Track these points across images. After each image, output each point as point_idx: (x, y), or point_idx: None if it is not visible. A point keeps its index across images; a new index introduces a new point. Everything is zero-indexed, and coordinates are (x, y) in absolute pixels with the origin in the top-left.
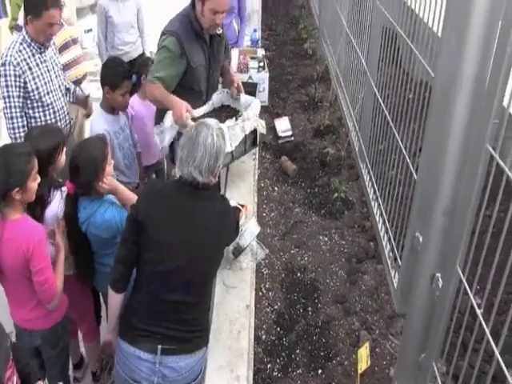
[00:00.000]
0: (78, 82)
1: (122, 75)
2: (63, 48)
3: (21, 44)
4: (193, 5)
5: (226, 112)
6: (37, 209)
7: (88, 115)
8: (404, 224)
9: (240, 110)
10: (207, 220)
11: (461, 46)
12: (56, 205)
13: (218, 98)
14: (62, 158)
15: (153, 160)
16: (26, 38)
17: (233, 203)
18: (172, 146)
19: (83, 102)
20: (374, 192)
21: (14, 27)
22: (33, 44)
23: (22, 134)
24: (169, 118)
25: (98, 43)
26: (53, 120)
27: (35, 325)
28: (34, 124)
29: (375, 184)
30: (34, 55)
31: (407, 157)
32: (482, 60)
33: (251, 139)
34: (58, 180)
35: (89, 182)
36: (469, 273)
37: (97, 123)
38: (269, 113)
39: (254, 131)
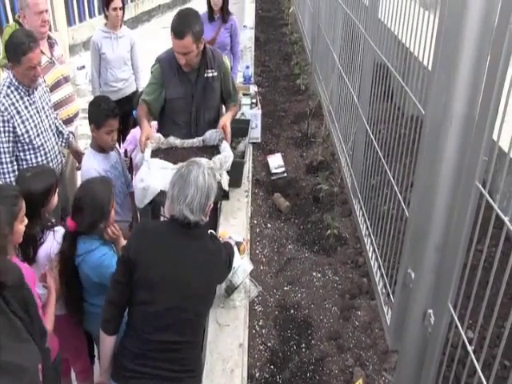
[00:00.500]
0: (69, 121)
1: (105, 113)
2: (55, 86)
3: (8, 87)
4: None
5: (209, 153)
6: (29, 250)
7: (79, 169)
8: (397, 259)
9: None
10: (198, 259)
11: (450, 83)
12: (48, 245)
13: (211, 136)
14: (55, 199)
15: None
16: (13, 81)
17: (232, 240)
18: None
19: (76, 154)
20: (367, 227)
21: (5, 66)
22: (20, 87)
23: (13, 179)
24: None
25: (92, 79)
26: (44, 161)
27: None
28: (25, 166)
29: (367, 219)
30: (22, 98)
31: (398, 192)
32: (471, 98)
33: (218, 192)
34: (50, 220)
35: (94, 223)
36: (461, 307)
37: (87, 162)
38: (262, 149)
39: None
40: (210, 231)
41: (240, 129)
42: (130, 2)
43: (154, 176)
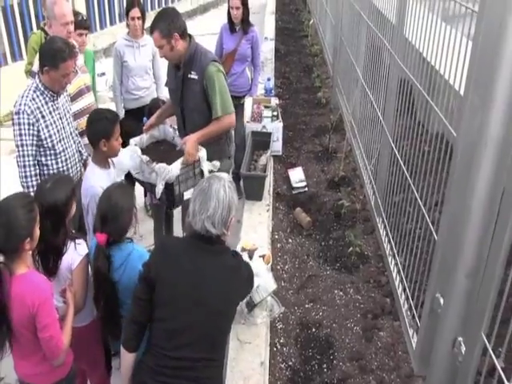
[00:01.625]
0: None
1: (113, 120)
2: (77, 95)
3: (34, 92)
4: None
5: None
6: (50, 261)
7: None
8: (423, 281)
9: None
10: (219, 276)
11: (485, 107)
12: (69, 257)
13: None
14: (74, 207)
15: None
16: (40, 86)
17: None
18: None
19: None
20: (391, 247)
21: (30, 74)
22: (46, 92)
23: (35, 183)
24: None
25: (113, 87)
26: (64, 167)
27: (39, 380)
28: (45, 171)
29: (391, 238)
30: (47, 103)
31: (425, 211)
32: (508, 121)
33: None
34: (71, 231)
35: (125, 229)
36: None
37: (91, 179)
38: (282, 162)
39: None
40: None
41: (262, 142)
42: (150, 10)
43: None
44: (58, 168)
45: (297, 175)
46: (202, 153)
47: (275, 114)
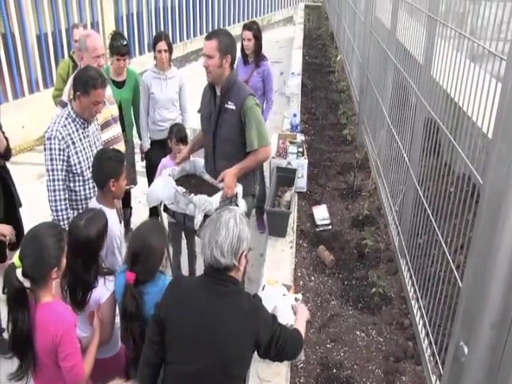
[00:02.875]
0: None
1: (120, 160)
2: (104, 126)
3: (66, 119)
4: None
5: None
6: (79, 295)
7: None
8: (447, 326)
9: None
10: (232, 321)
11: None
12: (99, 292)
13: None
14: (105, 243)
15: None
16: (71, 113)
17: (279, 289)
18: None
19: None
20: (414, 290)
21: (59, 103)
22: (77, 119)
23: (64, 207)
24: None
25: (140, 117)
26: (92, 194)
27: None
28: (73, 197)
29: (415, 281)
30: (77, 130)
31: (448, 254)
32: None
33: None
34: (103, 266)
35: (155, 269)
36: None
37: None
38: (307, 199)
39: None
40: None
41: (286, 178)
42: (178, 42)
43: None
44: (86, 194)
45: (321, 213)
46: (239, 188)
47: (300, 150)
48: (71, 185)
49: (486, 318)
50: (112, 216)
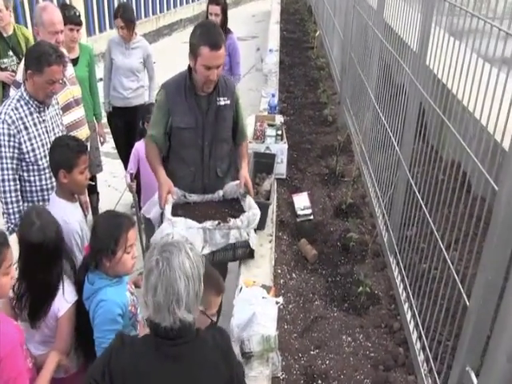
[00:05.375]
0: None
1: (75, 150)
2: (65, 109)
3: (18, 101)
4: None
5: (229, 207)
6: (38, 303)
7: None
8: (442, 331)
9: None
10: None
11: None
12: (56, 302)
13: (232, 189)
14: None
15: None
16: (24, 94)
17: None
18: None
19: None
20: (405, 288)
21: (13, 83)
22: (31, 102)
23: (14, 199)
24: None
25: (103, 82)
26: (49, 185)
27: None
28: (28, 188)
29: (406, 280)
30: (31, 114)
31: (444, 250)
32: None
33: (244, 251)
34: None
35: (97, 253)
36: None
37: (64, 216)
38: (286, 186)
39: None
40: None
41: (265, 164)
42: (151, 15)
43: (177, 238)
44: (42, 185)
45: (302, 201)
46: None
47: (279, 133)
48: (25, 174)
49: (503, 349)
50: (71, 210)
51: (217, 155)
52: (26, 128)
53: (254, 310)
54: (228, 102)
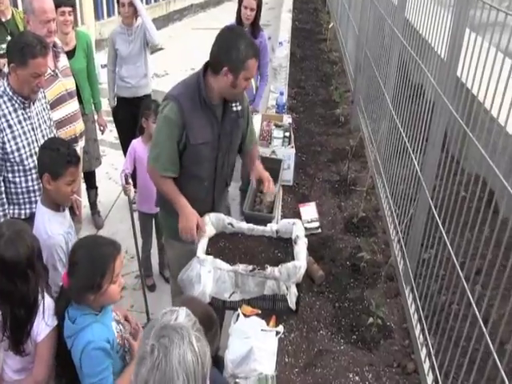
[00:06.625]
0: (73, 141)
1: (66, 159)
2: (57, 103)
3: (0, 97)
4: (204, 73)
5: (281, 249)
6: (15, 327)
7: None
8: (465, 380)
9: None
10: None
11: None
12: (37, 326)
13: (287, 228)
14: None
15: (153, 209)
16: (7, 89)
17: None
18: None
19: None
20: (419, 320)
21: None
22: (15, 97)
23: None
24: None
25: (108, 74)
26: (36, 187)
27: None
28: (13, 190)
29: (421, 311)
30: (16, 110)
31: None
32: None
33: (286, 305)
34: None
35: (83, 287)
36: None
37: (47, 228)
38: (293, 193)
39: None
40: None
41: (270, 169)
42: (161, 0)
43: (205, 279)
44: (28, 187)
45: (309, 213)
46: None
47: (287, 135)
48: (9, 175)
49: None
50: (55, 222)
51: (229, 164)
52: (9, 126)
53: (251, 344)
54: (240, 107)
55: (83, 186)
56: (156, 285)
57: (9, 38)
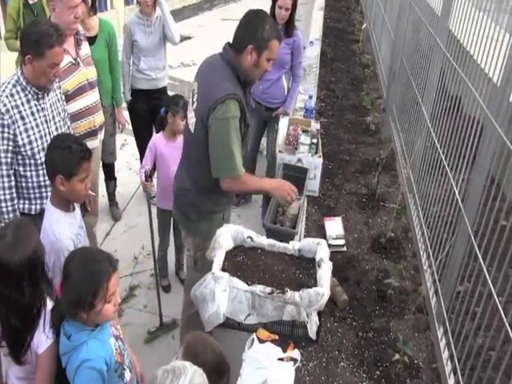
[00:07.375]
0: (92, 134)
1: (79, 156)
2: (77, 92)
3: (14, 86)
4: (235, 56)
5: (303, 269)
6: (15, 336)
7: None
8: None
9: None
10: None
11: None
12: (37, 338)
13: (311, 247)
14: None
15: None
16: (21, 79)
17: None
18: None
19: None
20: (452, 363)
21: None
22: (28, 88)
23: (8, 197)
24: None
25: (123, 67)
26: (47, 182)
27: None
28: (24, 184)
29: (454, 353)
30: (29, 101)
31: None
32: None
33: (305, 332)
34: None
35: (75, 303)
36: None
37: (55, 231)
38: (318, 204)
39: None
40: None
41: (294, 178)
42: None
43: (219, 298)
44: (39, 181)
45: (334, 228)
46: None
47: (314, 141)
48: (21, 169)
49: None
50: (64, 223)
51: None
52: (22, 118)
53: (266, 376)
54: None
55: (101, 176)
56: (171, 286)
57: None
